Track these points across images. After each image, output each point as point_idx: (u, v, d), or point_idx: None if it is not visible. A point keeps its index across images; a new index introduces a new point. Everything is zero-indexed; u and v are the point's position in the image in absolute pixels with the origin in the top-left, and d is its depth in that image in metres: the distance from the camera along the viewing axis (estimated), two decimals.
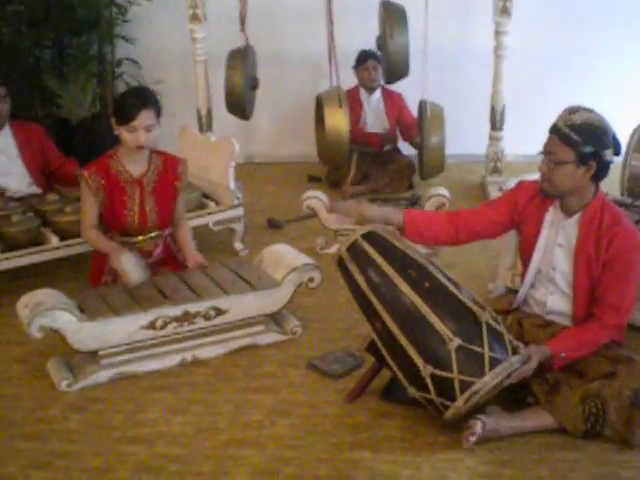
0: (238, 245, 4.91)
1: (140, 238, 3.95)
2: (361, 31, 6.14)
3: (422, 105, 5.67)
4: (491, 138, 5.87)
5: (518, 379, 2.94)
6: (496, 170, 5.88)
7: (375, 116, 6.18)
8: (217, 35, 5.87)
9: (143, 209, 3.90)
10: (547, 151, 3.02)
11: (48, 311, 3.28)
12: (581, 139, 2.91)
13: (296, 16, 6.59)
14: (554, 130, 3.00)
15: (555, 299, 3.20)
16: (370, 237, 3.09)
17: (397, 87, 6.13)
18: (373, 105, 6.19)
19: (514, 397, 2.99)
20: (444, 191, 4.77)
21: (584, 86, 6.21)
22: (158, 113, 3.81)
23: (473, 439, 2.88)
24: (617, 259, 3.00)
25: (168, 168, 3.94)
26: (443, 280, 2.98)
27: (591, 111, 2.99)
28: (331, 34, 5.38)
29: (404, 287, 2.93)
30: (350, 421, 3.14)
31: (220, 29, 5.88)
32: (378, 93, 6.19)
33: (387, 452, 2.94)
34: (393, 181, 5.96)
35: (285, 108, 6.98)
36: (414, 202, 4.95)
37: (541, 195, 3.17)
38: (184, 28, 5.74)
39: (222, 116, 6.06)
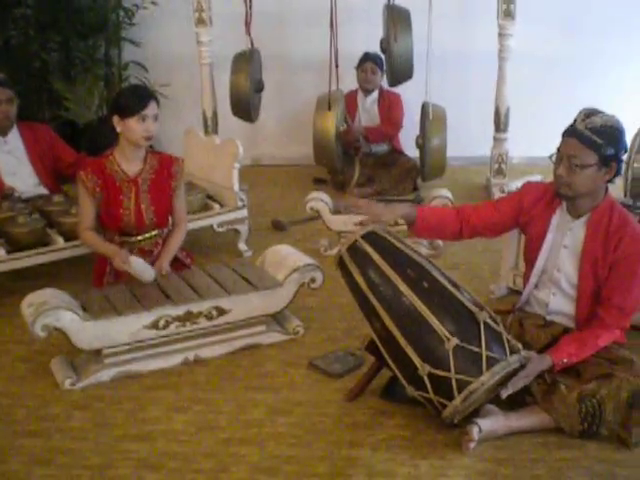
0: (242, 246, 4.93)
1: (139, 237, 3.95)
2: (367, 34, 6.15)
3: (424, 107, 5.68)
4: (495, 140, 5.87)
5: (518, 388, 2.93)
6: (500, 172, 5.88)
7: (368, 117, 6.24)
8: (222, 38, 5.90)
9: (139, 208, 3.91)
10: (567, 155, 2.96)
11: (52, 310, 3.31)
12: (603, 141, 2.89)
13: (301, 19, 6.65)
14: (574, 133, 2.94)
15: (557, 300, 3.21)
16: (370, 237, 3.10)
17: (400, 90, 6.13)
18: (367, 106, 6.26)
19: (512, 396, 2.98)
20: (447, 193, 4.79)
21: (587, 88, 6.25)
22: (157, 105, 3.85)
23: (472, 445, 2.89)
24: (623, 260, 3.00)
25: (163, 167, 3.96)
26: (442, 280, 2.99)
27: (606, 113, 2.97)
28: (333, 37, 5.40)
29: (403, 287, 2.94)
30: (349, 420, 3.16)
31: (225, 32, 5.91)
32: (375, 95, 6.24)
33: (386, 450, 2.96)
34: (397, 183, 6.02)
35: (291, 111, 7.02)
36: (417, 204, 4.96)
37: (548, 197, 3.18)
38: (190, 31, 5.75)
39: (228, 119, 6.08)
